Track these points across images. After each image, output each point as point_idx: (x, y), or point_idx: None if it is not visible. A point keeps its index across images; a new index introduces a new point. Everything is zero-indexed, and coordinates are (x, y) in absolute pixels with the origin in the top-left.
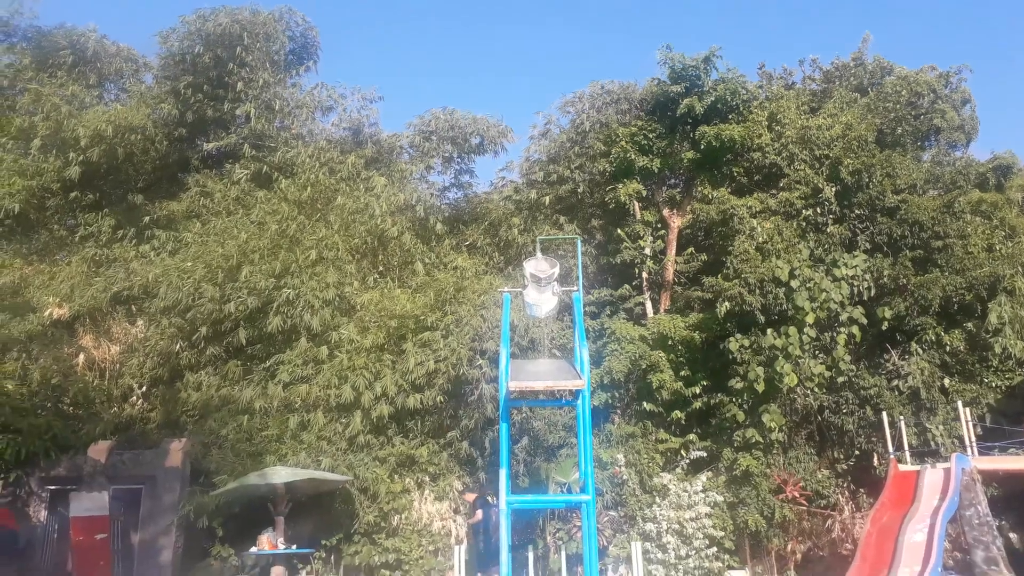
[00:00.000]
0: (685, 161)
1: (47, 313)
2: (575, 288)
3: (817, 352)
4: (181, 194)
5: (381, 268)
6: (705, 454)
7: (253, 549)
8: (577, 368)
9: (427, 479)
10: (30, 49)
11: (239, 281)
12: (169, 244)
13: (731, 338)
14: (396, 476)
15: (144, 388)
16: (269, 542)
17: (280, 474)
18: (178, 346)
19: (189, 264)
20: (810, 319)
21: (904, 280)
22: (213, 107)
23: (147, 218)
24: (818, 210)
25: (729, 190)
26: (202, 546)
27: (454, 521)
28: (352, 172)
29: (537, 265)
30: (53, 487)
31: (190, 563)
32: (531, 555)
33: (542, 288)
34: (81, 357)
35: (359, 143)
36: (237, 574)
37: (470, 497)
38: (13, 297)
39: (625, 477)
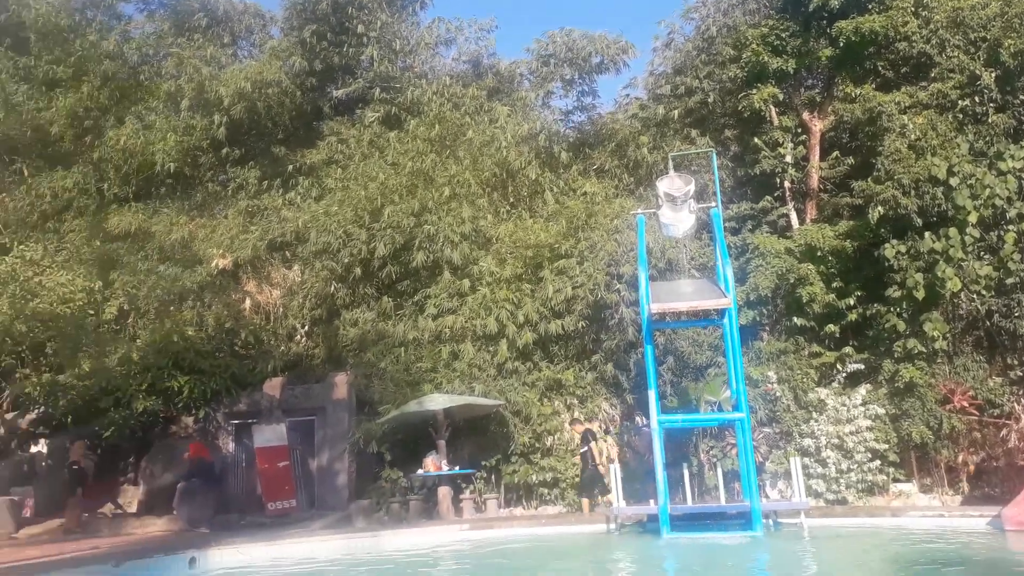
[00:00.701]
0: (823, 59)
1: (213, 264)
2: (713, 204)
3: (982, 253)
4: (318, 142)
5: (512, 200)
6: (863, 367)
7: (420, 471)
8: (721, 287)
9: (575, 401)
10: (167, 16)
11: (382, 221)
12: (313, 191)
13: (886, 244)
14: (545, 399)
15: (306, 327)
16: (434, 464)
17: (437, 401)
18: (332, 287)
19: (335, 209)
20: (973, 218)
21: None
22: (339, 54)
23: (290, 167)
24: (976, 99)
25: (874, 86)
26: (372, 470)
27: (605, 440)
28: (475, 105)
29: (671, 183)
30: (237, 421)
31: (363, 485)
32: (686, 472)
33: (678, 207)
34: (247, 302)
35: (479, 75)
36: (407, 494)
37: (579, 428)
38: (183, 251)
39: (778, 394)
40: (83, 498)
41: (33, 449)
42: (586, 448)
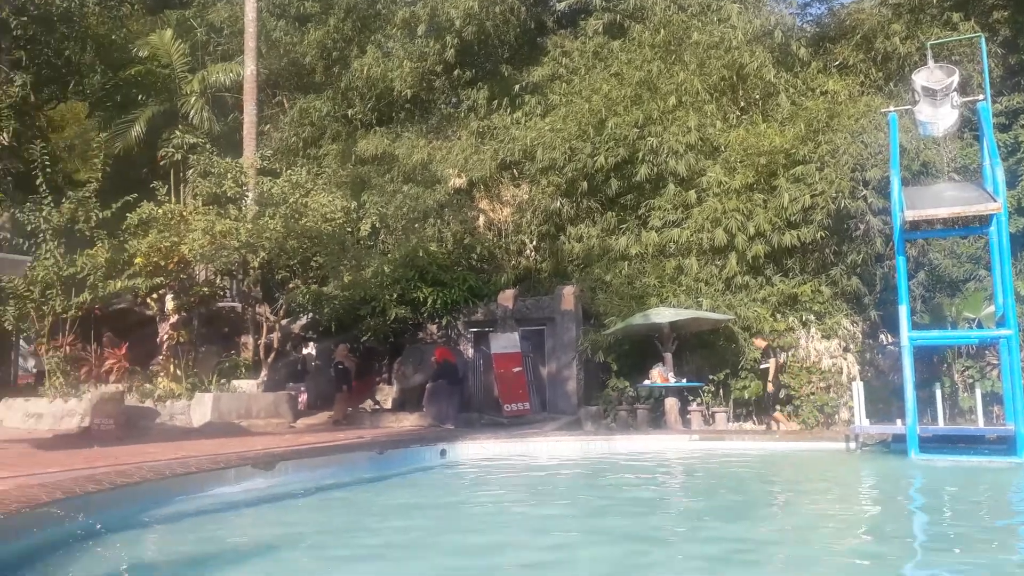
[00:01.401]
0: None
1: (450, 183)
2: (980, 97)
3: None
4: (542, 58)
5: (742, 104)
6: None
7: (646, 381)
8: (988, 190)
9: (812, 317)
10: None
11: (605, 133)
12: (538, 108)
13: None
14: (778, 315)
15: (534, 242)
16: (661, 375)
17: (663, 314)
18: (558, 202)
19: (560, 125)
20: None
21: None
22: None
23: (516, 86)
24: None
25: None
26: (599, 378)
27: (844, 359)
28: (702, 5)
29: (929, 76)
30: (475, 329)
31: (591, 393)
32: (938, 393)
33: (937, 102)
34: (481, 219)
35: None
36: (634, 403)
37: (760, 343)
38: (423, 172)
39: None
40: (347, 394)
41: (304, 351)
42: (767, 364)
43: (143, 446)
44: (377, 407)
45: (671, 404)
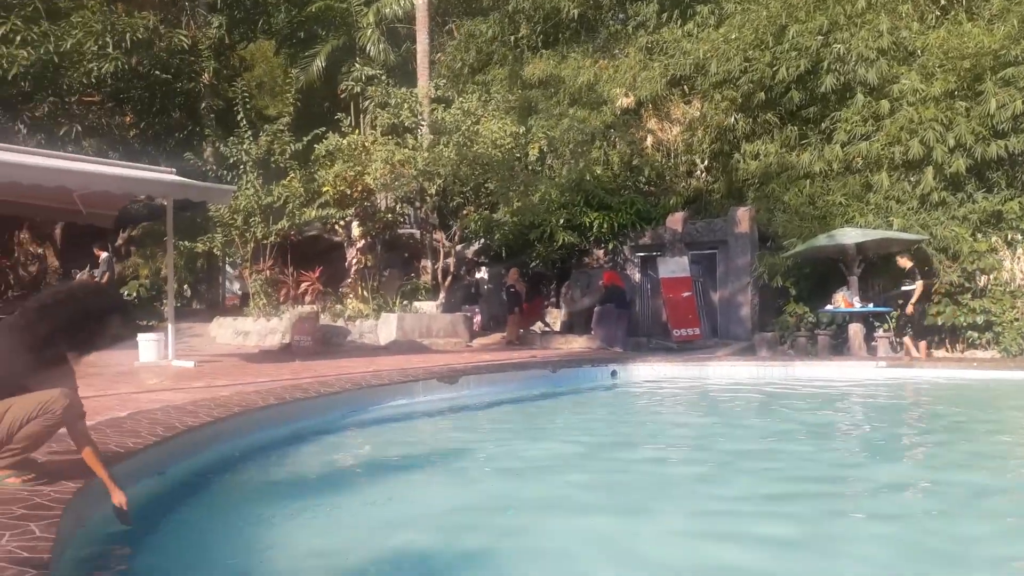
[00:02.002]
0: None
1: (617, 103)
2: None
3: None
4: None
5: (942, 2)
6: None
7: (828, 307)
8: None
9: (1019, 237)
10: None
11: (785, 42)
12: (712, 18)
13: None
14: (979, 235)
15: (706, 162)
16: (845, 300)
17: (850, 235)
18: (732, 118)
19: (735, 35)
20: None
21: None
22: None
23: None
24: None
25: None
26: (776, 303)
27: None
28: None
29: None
30: (642, 254)
31: (766, 318)
32: None
33: None
34: (649, 139)
35: None
36: (814, 329)
37: (904, 262)
38: (589, 93)
39: None
40: (519, 316)
41: (477, 275)
42: (912, 286)
43: (338, 361)
44: (547, 329)
45: (855, 330)
